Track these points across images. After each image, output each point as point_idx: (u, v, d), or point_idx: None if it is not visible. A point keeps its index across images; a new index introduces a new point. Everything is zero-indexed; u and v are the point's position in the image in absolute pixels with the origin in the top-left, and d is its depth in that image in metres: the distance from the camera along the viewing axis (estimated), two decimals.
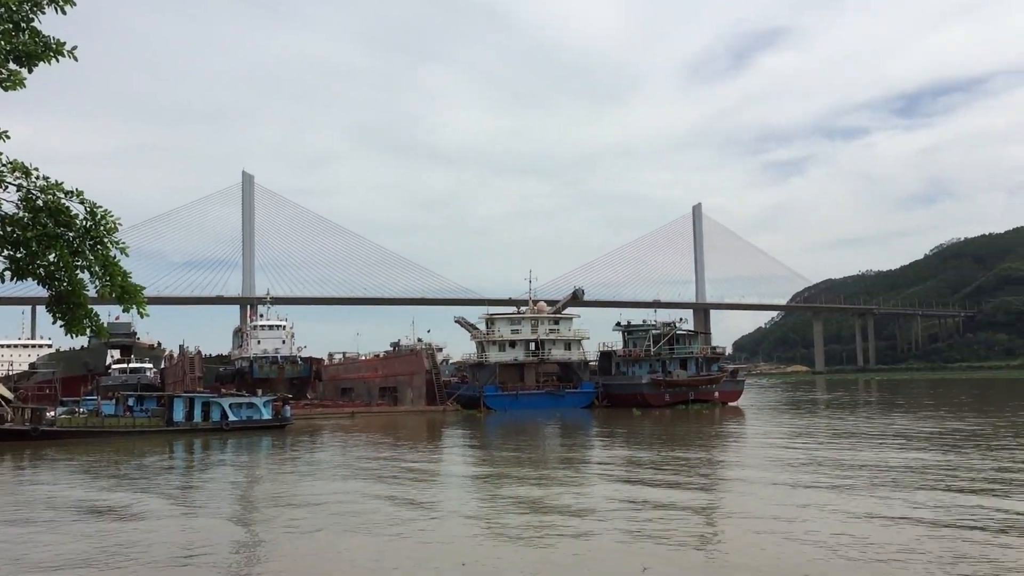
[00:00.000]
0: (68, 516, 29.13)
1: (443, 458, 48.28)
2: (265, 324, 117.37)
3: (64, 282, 9.59)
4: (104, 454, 52.46)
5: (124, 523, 27.17)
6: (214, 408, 71.85)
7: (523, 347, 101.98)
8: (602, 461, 42.45)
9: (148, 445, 58.98)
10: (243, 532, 25.65)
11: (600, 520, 24.83)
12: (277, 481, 38.20)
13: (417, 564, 19.98)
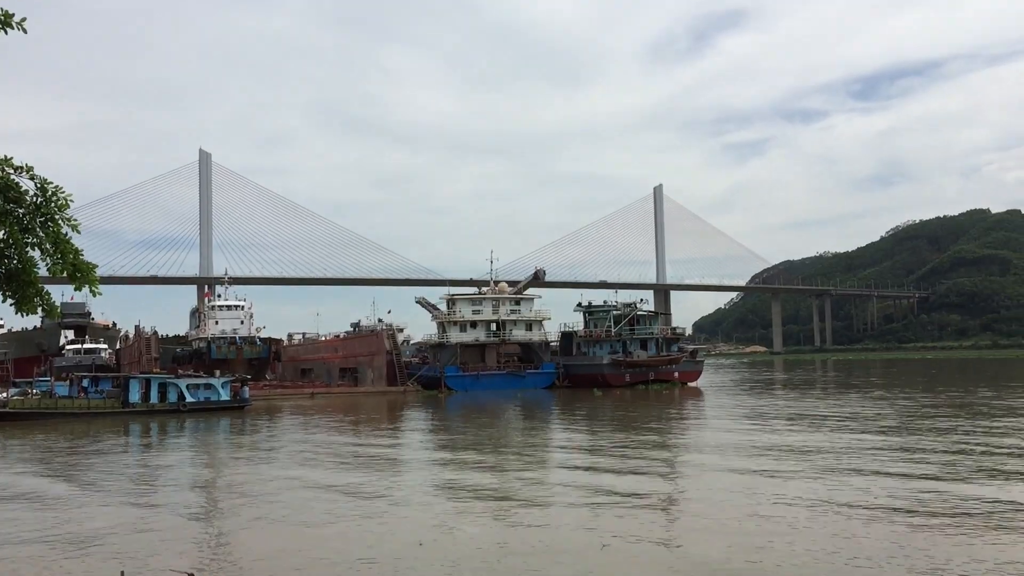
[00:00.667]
0: (15, 503, 28.66)
1: (403, 440, 48.22)
2: (223, 304, 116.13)
3: (14, 259, 9.37)
4: (58, 436, 51.68)
5: (74, 511, 26.78)
6: (171, 389, 71.11)
7: (484, 328, 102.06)
8: (562, 444, 42.69)
9: (103, 427, 58.21)
10: (200, 522, 25.41)
11: (558, 503, 24.93)
12: (234, 466, 37.92)
13: (374, 546, 19.95)
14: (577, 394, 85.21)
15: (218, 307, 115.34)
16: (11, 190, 9.04)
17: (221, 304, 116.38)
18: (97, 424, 60.20)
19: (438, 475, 32.20)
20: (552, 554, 18.53)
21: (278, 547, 19.83)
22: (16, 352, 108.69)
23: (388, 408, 74.83)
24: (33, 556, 19.45)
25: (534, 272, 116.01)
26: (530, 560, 18.03)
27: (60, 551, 19.90)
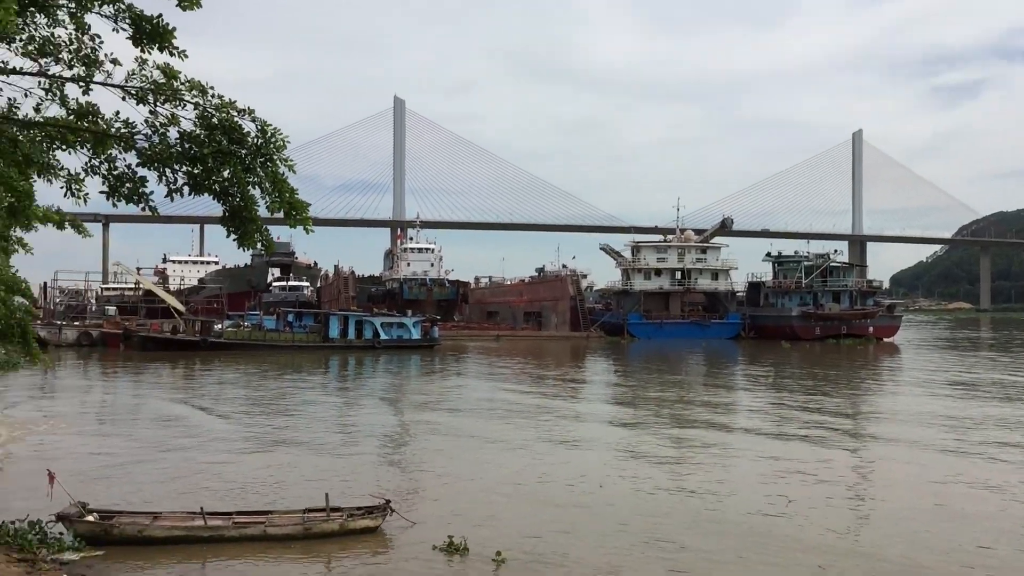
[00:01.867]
0: (226, 421, 31.14)
1: (586, 384, 48.78)
2: (414, 247, 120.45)
3: (237, 197, 10.13)
4: (266, 364, 55.65)
5: (281, 432, 28.82)
6: (367, 326, 74.75)
7: (669, 276, 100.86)
8: (745, 399, 41.72)
9: (306, 359, 62.14)
10: (393, 453, 26.83)
11: (737, 456, 24.48)
12: (425, 400, 39.59)
13: (556, 482, 20.40)
14: (763, 346, 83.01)
15: (410, 249, 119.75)
16: (235, 132, 9.76)
17: (413, 247, 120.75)
18: (300, 356, 64.31)
19: (619, 421, 32.42)
20: (730, 506, 18.35)
21: (463, 481, 20.64)
22: (229, 287, 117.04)
23: (571, 352, 75.70)
24: (244, 467, 21.17)
25: (721, 220, 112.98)
26: (706, 510, 17.94)
27: (272, 470, 21.53)
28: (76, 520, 14.59)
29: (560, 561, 14.11)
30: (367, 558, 14.42)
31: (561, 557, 14.32)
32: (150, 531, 14.74)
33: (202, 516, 15.13)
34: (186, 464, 22.17)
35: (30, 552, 13.45)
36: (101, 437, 26.93)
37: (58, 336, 71.19)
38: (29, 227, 12.34)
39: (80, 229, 14.27)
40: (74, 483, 16.48)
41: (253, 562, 13.94)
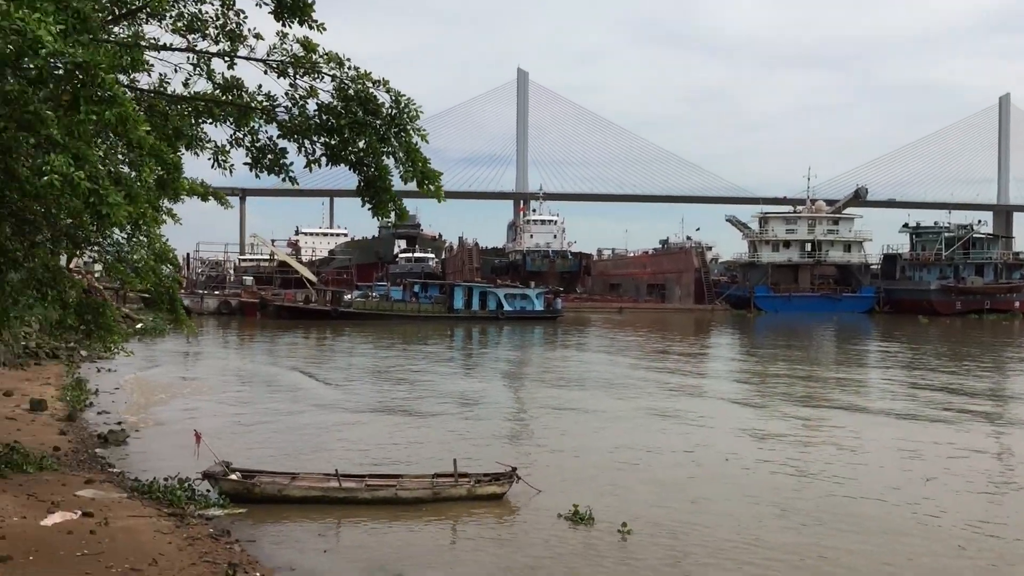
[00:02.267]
0: (370, 376, 32.09)
1: (709, 357, 48.04)
2: (537, 219, 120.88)
3: (372, 168, 10.37)
4: (393, 334, 57.05)
5: (409, 399, 29.50)
6: (491, 298, 75.60)
7: (798, 248, 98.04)
8: (879, 377, 40.13)
9: (432, 329, 63.39)
10: (519, 422, 27.13)
11: (871, 436, 23.58)
12: (550, 370, 39.81)
13: (680, 455, 20.19)
14: (899, 321, 79.79)
15: (533, 221, 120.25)
16: (370, 103, 9.97)
17: (536, 219, 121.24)
18: (426, 326, 65.63)
19: (744, 396, 31.83)
20: (865, 485, 17.74)
21: (586, 452, 20.68)
22: (358, 259, 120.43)
23: (695, 326, 74.67)
24: (373, 432, 21.79)
25: (854, 190, 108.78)
26: (838, 488, 17.41)
27: (400, 436, 22.11)
28: (221, 479, 15.33)
29: (689, 532, 13.96)
30: (494, 523, 14.64)
31: (689, 528, 14.18)
32: (288, 491, 15.36)
33: (337, 478, 15.67)
34: (318, 428, 22.99)
35: (179, 507, 14.23)
36: (240, 400, 28.20)
37: (200, 305, 74.78)
38: (177, 199, 12.95)
39: (222, 200, 14.91)
40: (216, 443, 17.31)
41: (385, 523, 14.36)
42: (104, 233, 12.15)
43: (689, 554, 12.95)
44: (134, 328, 45.92)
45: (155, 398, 27.72)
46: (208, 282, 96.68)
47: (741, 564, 12.55)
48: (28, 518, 12.16)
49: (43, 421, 21.06)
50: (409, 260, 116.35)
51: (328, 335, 56.90)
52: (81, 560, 10.66)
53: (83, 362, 35.37)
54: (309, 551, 12.93)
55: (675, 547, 13.26)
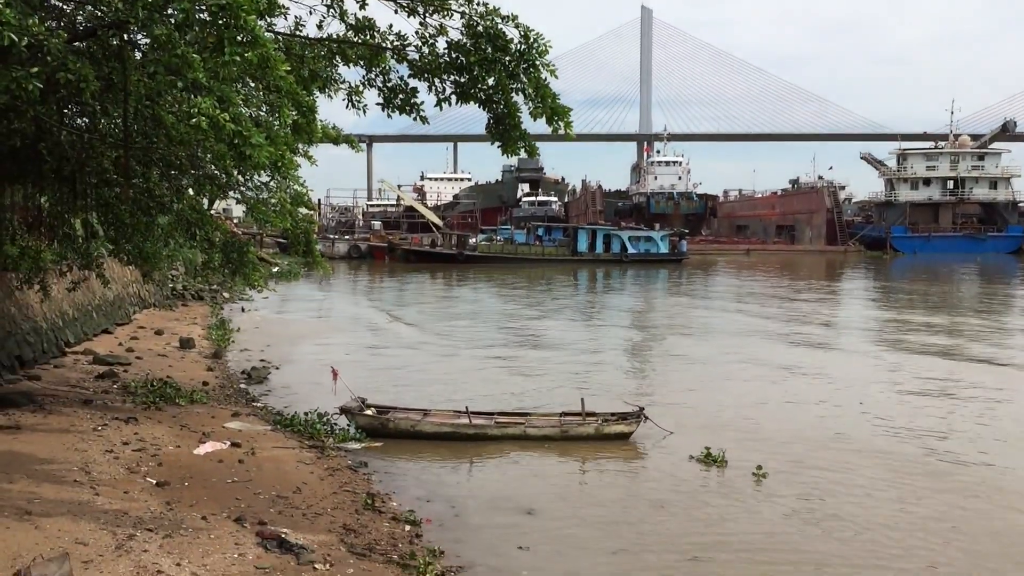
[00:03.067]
0: (495, 317, 32.52)
1: (841, 301, 46.52)
2: (661, 160, 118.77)
3: (501, 104, 10.35)
4: (518, 276, 57.50)
5: (539, 326, 29.75)
6: (614, 240, 75.14)
7: (939, 185, 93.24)
8: None
9: (556, 271, 63.57)
10: (647, 363, 27.04)
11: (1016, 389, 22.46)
12: (676, 314, 39.43)
13: (810, 400, 19.73)
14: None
15: (657, 163, 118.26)
16: (499, 39, 9.92)
17: (659, 160, 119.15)
18: (550, 269, 65.86)
19: (877, 343, 30.74)
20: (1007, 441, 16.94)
21: (714, 395, 20.46)
22: (482, 203, 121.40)
23: (826, 268, 72.35)
24: (500, 372, 22.14)
25: (1002, 124, 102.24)
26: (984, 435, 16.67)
27: (527, 375, 22.39)
28: (357, 414, 15.90)
29: (825, 477, 13.66)
30: (625, 462, 14.69)
31: (825, 473, 13.88)
32: (421, 426, 15.81)
33: (467, 415, 16.02)
34: (448, 368, 23.50)
35: (319, 440, 14.85)
36: (372, 341, 29.08)
37: (331, 249, 77.12)
38: (312, 142, 13.29)
39: (353, 144, 15.24)
40: (351, 381, 17.90)
41: (515, 459, 14.61)
42: (246, 176, 12.61)
43: (826, 497, 12.69)
44: (271, 271, 47.84)
45: (292, 338, 28.87)
46: (338, 227, 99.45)
47: (878, 508, 12.21)
48: (182, 447, 12.92)
49: (192, 358, 22.27)
50: (532, 204, 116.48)
51: (454, 278, 57.84)
52: (232, 487, 11.27)
53: (226, 303, 37.12)
54: (442, 484, 13.31)
55: (811, 491, 13.01)
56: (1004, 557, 10.51)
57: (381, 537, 10.26)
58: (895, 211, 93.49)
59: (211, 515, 9.85)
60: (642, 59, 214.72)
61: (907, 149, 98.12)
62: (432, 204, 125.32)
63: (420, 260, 71.22)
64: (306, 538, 9.47)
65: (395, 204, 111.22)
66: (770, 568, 10.15)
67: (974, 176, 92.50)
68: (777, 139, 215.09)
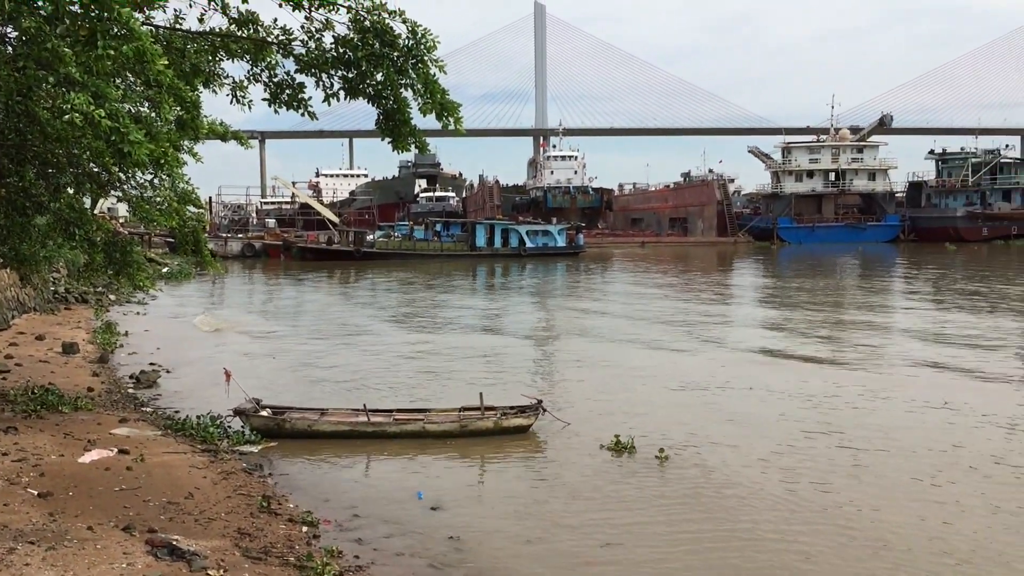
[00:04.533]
0: (394, 314, 32.34)
1: (732, 289, 47.93)
2: (557, 155, 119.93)
3: (390, 100, 10.29)
4: (416, 273, 57.25)
5: (435, 337, 29.72)
6: (512, 235, 75.56)
7: (822, 177, 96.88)
8: (904, 302, 39.95)
9: (454, 267, 63.55)
10: (544, 355, 27.30)
11: (896, 364, 23.64)
12: (571, 306, 39.93)
13: (704, 384, 20.30)
14: (924, 250, 79.05)
15: (553, 157, 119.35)
16: (387, 34, 9.84)
17: (556, 155, 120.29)
18: (448, 264, 65.80)
19: (767, 326, 31.82)
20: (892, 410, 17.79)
21: (611, 384, 20.82)
22: (379, 199, 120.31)
23: (718, 258, 74.38)
24: (400, 369, 22.02)
25: (879, 118, 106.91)
26: (865, 411, 17.47)
27: (426, 371, 22.34)
28: (251, 415, 15.59)
29: (726, 456, 14.09)
30: (528, 454, 14.82)
31: (726, 451, 14.32)
32: (318, 426, 15.61)
33: (365, 413, 15.88)
34: (345, 366, 23.24)
35: (212, 444, 14.51)
36: (267, 340, 28.52)
37: (224, 248, 75.21)
38: (197, 138, 12.95)
39: (242, 141, 14.90)
40: (245, 382, 17.54)
41: (414, 456, 14.58)
42: (127, 174, 12.20)
43: (724, 472, 13.11)
44: (160, 272, 46.38)
45: (184, 340, 28.09)
46: (231, 225, 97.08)
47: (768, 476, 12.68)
48: (66, 456, 12.44)
49: (76, 363, 21.42)
50: (430, 199, 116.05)
51: (352, 275, 57.20)
52: (119, 495, 10.92)
53: (112, 306, 35.81)
54: (340, 484, 13.18)
55: (709, 468, 13.43)
56: (883, 496, 11.09)
57: (277, 540, 10.11)
58: (781, 203, 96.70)
59: (97, 525, 9.53)
60: (536, 54, 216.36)
61: (791, 143, 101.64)
62: (328, 201, 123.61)
63: (316, 258, 70.16)
64: (199, 544, 9.25)
65: (290, 201, 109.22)
66: (675, 549, 10.47)
67: (854, 168, 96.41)
68: (669, 133, 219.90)
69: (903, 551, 10.38)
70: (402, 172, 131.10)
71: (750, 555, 10.35)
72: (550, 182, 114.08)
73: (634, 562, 10.18)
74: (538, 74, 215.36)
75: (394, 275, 56.02)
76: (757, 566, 10.09)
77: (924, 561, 10.12)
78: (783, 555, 10.36)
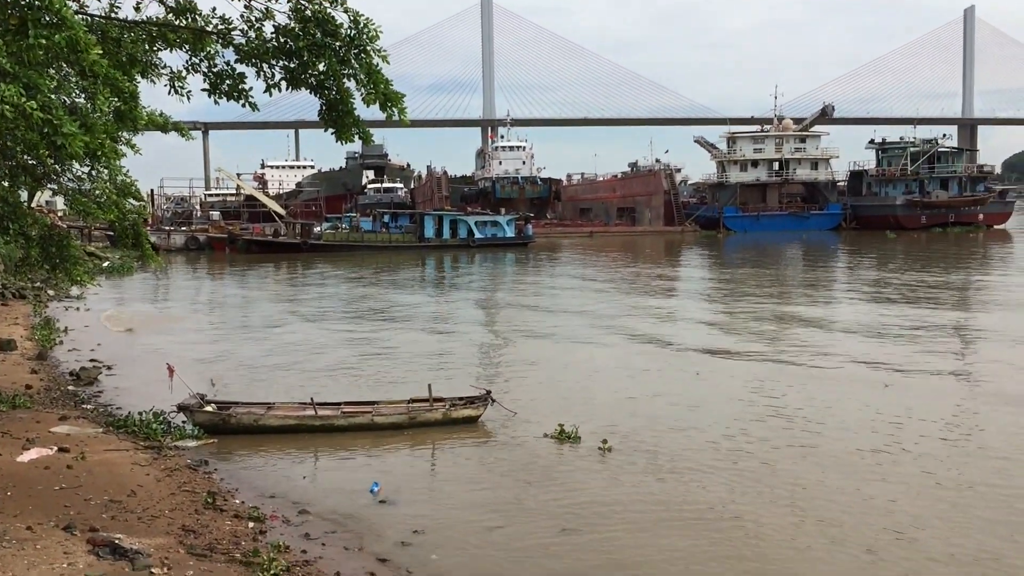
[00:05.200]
0: (343, 307, 32.10)
1: (679, 278, 48.44)
2: (506, 145, 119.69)
3: (333, 91, 10.17)
4: (364, 265, 56.86)
5: (380, 332, 29.61)
6: (461, 226, 75.28)
7: (766, 167, 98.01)
8: (847, 290, 40.69)
9: (403, 259, 63.22)
10: (494, 347, 27.36)
11: (840, 341, 24.18)
12: (521, 296, 40.00)
13: (651, 374, 20.52)
14: (865, 237, 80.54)
15: (501, 148, 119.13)
16: (328, 23, 9.72)
17: (504, 145, 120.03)
18: (397, 256, 65.41)
19: (712, 316, 32.27)
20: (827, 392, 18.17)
21: (557, 375, 20.95)
22: (326, 191, 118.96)
23: (665, 247, 75.04)
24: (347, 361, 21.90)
25: (821, 108, 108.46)
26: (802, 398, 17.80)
27: (374, 364, 22.24)
28: (196, 410, 15.38)
29: (668, 444, 14.26)
30: (478, 444, 14.86)
31: (668, 439, 14.50)
32: (265, 420, 15.46)
33: (313, 406, 15.76)
34: (292, 359, 23.03)
35: (155, 440, 14.30)
36: (212, 335, 28.14)
37: (167, 241, 73.83)
38: (136, 130, 12.68)
39: (183, 132, 14.63)
40: (189, 377, 17.30)
41: (362, 449, 14.52)
42: (63, 166, 11.92)
43: (669, 457, 13.29)
44: (100, 266, 45.42)
45: (126, 335, 27.58)
46: (174, 218, 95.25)
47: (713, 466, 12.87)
48: (4, 455, 12.17)
49: (13, 360, 20.91)
50: (378, 190, 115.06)
51: (299, 268, 56.60)
52: (60, 494, 10.72)
53: (51, 301, 35.01)
54: (287, 478, 13.08)
55: (654, 454, 13.59)
56: (825, 472, 11.33)
57: (223, 536, 10.01)
58: (727, 192, 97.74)
59: (37, 524, 9.34)
60: (483, 44, 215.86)
61: (736, 133, 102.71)
62: (274, 193, 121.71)
63: (263, 250, 69.17)
64: (141, 542, 9.12)
65: (235, 193, 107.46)
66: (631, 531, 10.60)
67: (797, 158, 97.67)
68: (616, 123, 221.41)
69: (844, 521, 10.70)
70: (349, 163, 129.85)
71: (704, 533, 10.55)
72: (498, 172, 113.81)
73: (593, 547, 10.28)
74: (485, 64, 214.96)
75: (342, 267, 55.55)
76: (710, 544, 10.29)
77: (861, 529, 10.42)
78: (733, 532, 10.58)
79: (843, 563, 9.89)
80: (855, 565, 9.84)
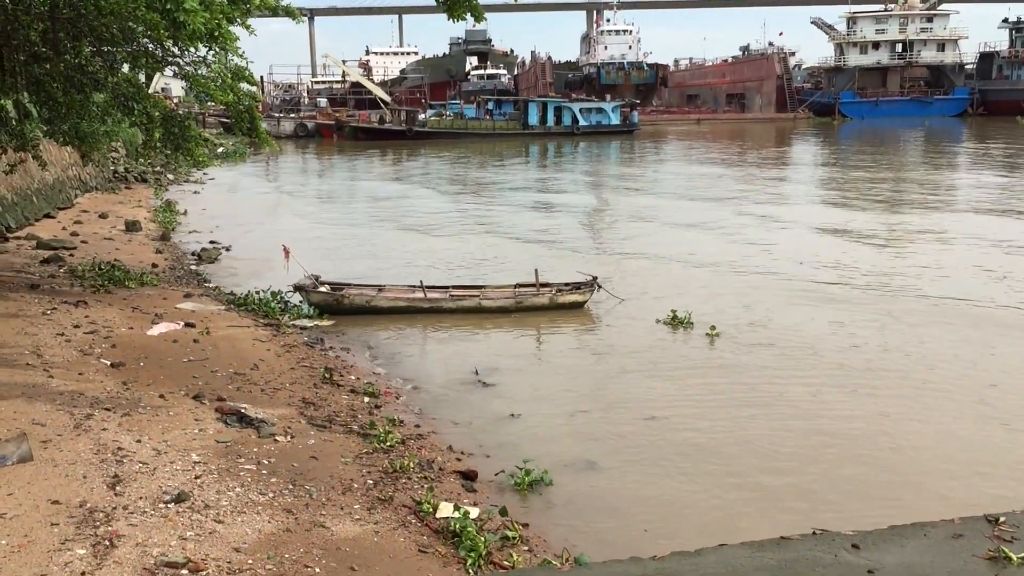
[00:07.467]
0: (448, 193, 32.37)
1: (790, 166, 46.88)
2: (611, 30, 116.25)
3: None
4: (469, 152, 56.86)
5: (492, 201, 29.71)
6: (565, 113, 74.23)
7: (888, 49, 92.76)
8: (967, 183, 38.61)
9: (507, 146, 62.92)
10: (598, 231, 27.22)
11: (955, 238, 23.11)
12: (625, 180, 39.48)
13: (759, 262, 20.11)
14: (993, 124, 76.01)
15: (607, 32, 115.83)
16: None
17: (609, 29, 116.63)
18: (501, 144, 65.12)
19: (824, 203, 31.25)
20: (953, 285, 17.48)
21: (665, 262, 20.73)
22: (430, 78, 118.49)
23: (776, 135, 72.53)
24: (455, 246, 22.16)
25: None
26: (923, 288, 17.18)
27: (481, 249, 22.43)
28: (311, 291, 15.88)
29: (780, 334, 14.05)
30: (582, 330, 14.94)
31: (781, 328, 14.28)
32: (376, 302, 15.85)
33: (422, 289, 16.07)
34: (402, 244, 23.44)
35: (273, 318, 14.85)
36: (324, 219, 28.81)
37: (277, 128, 75.22)
38: (249, 12, 12.74)
39: (294, 15, 14.63)
40: (303, 259, 17.78)
41: (470, 330, 14.79)
42: (182, 48, 12.10)
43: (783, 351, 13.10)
44: (215, 151, 46.70)
45: (242, 219, 28.49)
46: (283, 105, 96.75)
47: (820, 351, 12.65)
48: (135, 329, 12.84)
49: (139, 241, 21.90)
50: (481, 77, 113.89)
51: (404, 155, 57.03)
52: (188, 366, 11.28)
53: (170, 185, 36.32)
54: (399, 358, 13.45)
55: (761, 346, 13.40)
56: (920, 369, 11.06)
57: (340, 409, 10.41)
58: (844, 76, 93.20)
59: (168, 393, 9.88)
60: None
61: (857, 12, 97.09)
62: (379, 80, 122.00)
63: (369, 137, 69.82)
64: (266, 412, 9.57)
65: (341, 81, 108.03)
66: (717, 423, 10.54)
67: (922, 39, 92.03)
68: (727, 4, 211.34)
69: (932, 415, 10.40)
70: (453, 50, 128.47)
71: (784, 436, 10.27)
72: (604, 58, 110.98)
73: (668, 435, 10.20)
74: None
75: (446, 155, 55.71)
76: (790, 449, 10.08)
77: None
78: (812, 436, 10.31)
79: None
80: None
